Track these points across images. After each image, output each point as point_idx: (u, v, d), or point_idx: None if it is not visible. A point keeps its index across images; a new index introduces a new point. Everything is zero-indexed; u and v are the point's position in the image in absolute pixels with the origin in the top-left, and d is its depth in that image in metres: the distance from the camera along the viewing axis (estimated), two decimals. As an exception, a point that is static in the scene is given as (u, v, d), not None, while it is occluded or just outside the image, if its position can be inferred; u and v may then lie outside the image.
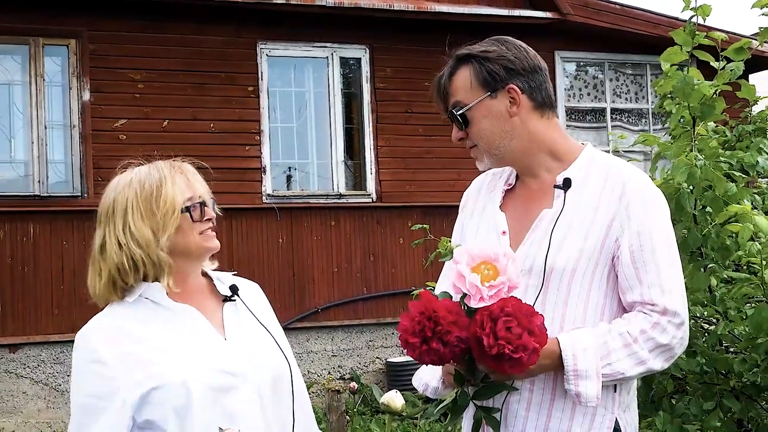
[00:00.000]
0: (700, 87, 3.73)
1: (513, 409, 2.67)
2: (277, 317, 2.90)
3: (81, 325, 2.51)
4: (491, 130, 2.77)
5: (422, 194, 11.40)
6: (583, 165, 2.77)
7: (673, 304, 2.63)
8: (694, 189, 3.71)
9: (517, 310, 2.32)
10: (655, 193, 2.76)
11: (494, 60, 2.77)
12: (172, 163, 2.72)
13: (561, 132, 2.86)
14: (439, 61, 10.49)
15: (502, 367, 2.33)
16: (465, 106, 2.77)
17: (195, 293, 2.73)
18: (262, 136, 10.82)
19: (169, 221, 2.61)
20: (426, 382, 2.81)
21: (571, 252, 2.64)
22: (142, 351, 2.55)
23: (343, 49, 11.33)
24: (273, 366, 2.67)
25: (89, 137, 10.10)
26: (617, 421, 2.68)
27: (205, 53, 10.65)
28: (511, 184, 2.89)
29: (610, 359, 2.57)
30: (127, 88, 10.32)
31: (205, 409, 2.53)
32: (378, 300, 11.11)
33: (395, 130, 11.41)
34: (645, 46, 12.46)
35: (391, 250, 11.24)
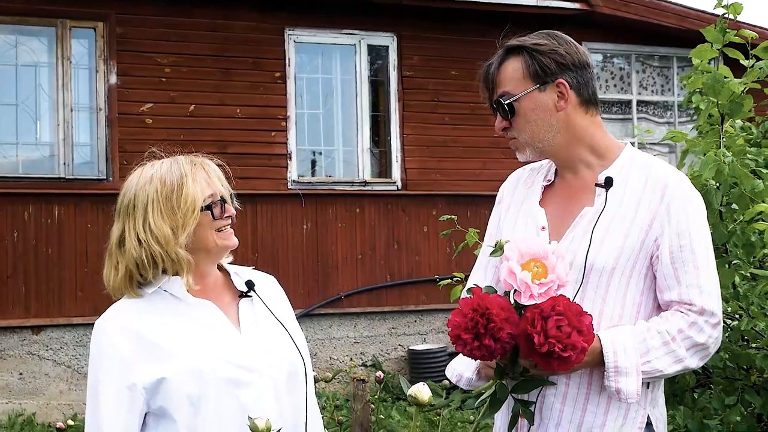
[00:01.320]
0: (729, 84, 3.72)
1: (549, 402, 2.70)
2: (300, 303, 2.91)
3: (104, 308, 2.53)
4: (537, 122, 2.78)
5: (447, 183, 11.39)
6: (624, 164, 2.79)
7: (711, 305, 2.66)
8: (721, 185, 3.71)
9: (568, 309, 2.34)
10: (695, 195, 2.78)
11: (546, 53, 2.78)
12: (194, 159, 2.75)
13: (603, 129, 2.87)
14: (467, 51, 10.51)
15: (550, 365, 2.35)
16: (513, 97, 2.78)
17: (212, 288, 2.76)
18: (288, 123, 10.81)
19: (189, 219, 2.63)
20: (460, 373, 2.83)
21: (612, 250, 2.66)
22: (158, 340, 2.60)
23: (370, 37, 11.30)
24: (288, 362, 2.70)
25: (115, 121, 10.12)
26: (649, 416, 2.71)
27: (233, 38, 10.64)
28: (550, 180, 2.91)
29: (650, 357, 2.60)
30: (154, 72, 10.32)
31: (220, 400, 2.57)
32: (401, 288, 11.11)
33: (422, 119, 11.39)
34: (672, 39, 12.40)
35: (416, 238, 11.23)
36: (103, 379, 2.58)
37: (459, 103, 11.46)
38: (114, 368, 2.58)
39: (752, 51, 3.84)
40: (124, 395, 2.56)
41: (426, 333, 11.20)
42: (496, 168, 11.53)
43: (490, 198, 11.15)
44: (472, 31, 11.55)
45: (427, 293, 11.22)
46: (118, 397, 2.56)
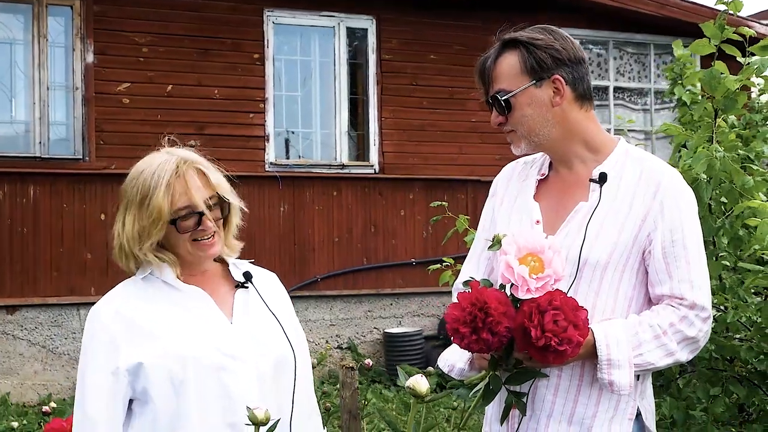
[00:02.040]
0: (725, 81, 3.76)
1: (541, 394, 2.74)
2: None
3: (79, 288, 2.54)
4: (533, 117, 2.80)
5: (424, 167, 11.40)
6: (618, 159, 2.82)
7: (701, 299, 2.70)
8: (711, 180, 3.75)
9: (564, 303, 2.37)
10: (687, 191, 2.81)
11: (542, 48, 2.79)
12: (182, 163, 2.69)
13: (597, 124, 2.90)
14: (446, 35, 10.50)
15: (545, 358, 2.38)
16: (509, 92, 2.79)
17: (209, 278, 2.78)
18: (266, 105, 10.78)
19: (153, 230, 2.64)
20: (452, 363, 2.87)
21: (605, 245, 2.70)
22: (146, 325, 2.63)
23: (349, 19, 11.28)
24: (276, 352, 2.71)
25: (92, 100, 10.06)
26: (638, 408, 2.75)
27: (212, 19, 10.59)
28: (544, 174, 2.93)
29: (642, 350, 2.63)
30: (132, 52, 10.25)
31: (202, 385, 2.59)
32: (378, 271, 11.13)
33: (400, 102, 11.39)
34: (650, 26, 12.45)
35: (392, 221, 11.25)
36: (90, 365, 2.63)
37: (437, 87, 11.47)
38: (101, 354, 2.61)
39: (749, 48, 3.86)
40: (108, 381, 2.59)
41: (402, 316, 11.22)
42: (473, 152, 11.56)
43: (466, 182, 11.25)
44: (452, 15, 11.55)
45: (403, 276, 11.24)
46: (103, 383, 2.59)
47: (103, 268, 9.93)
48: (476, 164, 11.54)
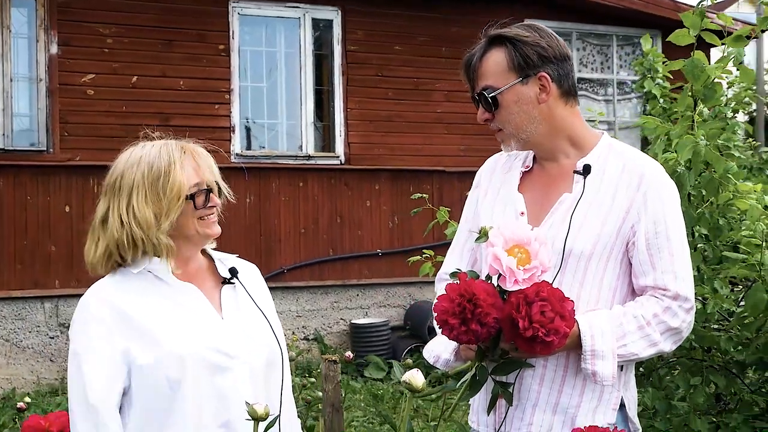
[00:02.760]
0: (707, 69, 3.80)
1: (526, 384, 2.77)
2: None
3: (43, 282, 2.52)
4: (519, 114, 2.82)
5: (390, 157, 11.42)
6: (601, 153, 2.85)
7: (685, 290, 2.74)
8: (692, 168, 3.80)
9: (551, 295, 2.40)
10: (670, 183, 2.85)
11: (529, 45, 2.79)
12: (184, 146, 2.73)
13: (581, 120, 2.92)
14: (411, 26, 10.51)
15: (533, 349, 2.40)
16: (495, 90, 2.80)
17: (195, 273, 2.77)
18: (231, 95, 10.76)
19: (173, 207, 2.64)
20: (437, 354, 2.88)
21: (590, 236, 2.73)
22: (141, 320, 2.61)
23: (315, 10, 11.26)
24: (267, 349, 2.73)
25: (56, 91, 9.99)
26: (622, 398, 2.80)
27: (176, 10, 10.54)
28: (528, 167, 2.96)
29: (625, 341, 2.67)
30: (96, 43, 10.18)
31: (198, 385, 2.59)
32: (344, 262, 11.14)
33: (365, 93, 11.39)
34: (612, 18, 12.53)
35: (358, 212, 11.26)
36: (87, 353, 2.58)
37: (402, 78, 11.49)
38: (96, 341, 2.57)
39: (723, 40, 3.90)
40: (106, 368, 2.56)
41: (368, 307, 11.25)
42: (438, 143, 11.60)
43: (432, 173, 11.28)
44: (417, 6, 11.57)
45: (369, 267, 11.26)
46: (101, 371, 2.56)
47: (68, 261, 9.88)
48: (442, 155, 11.59)
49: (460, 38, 11.74)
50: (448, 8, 11.71)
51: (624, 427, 2.79)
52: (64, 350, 9.82)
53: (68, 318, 9.82)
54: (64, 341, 9.84)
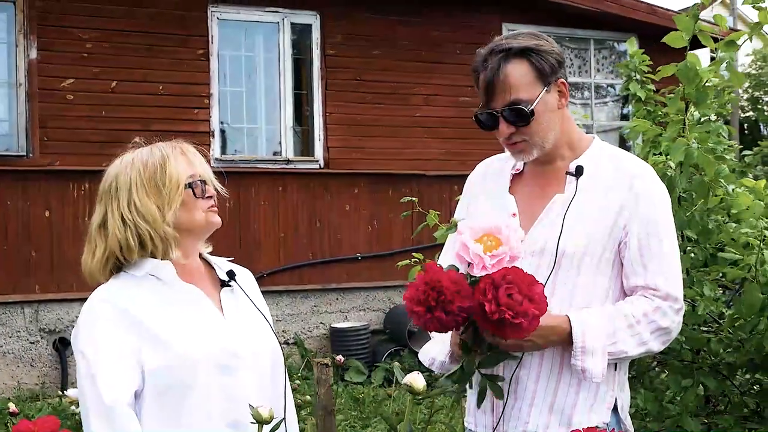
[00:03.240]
0: (701, 72, 3.81)
1: (523, 383, 2.80)
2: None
3: (23, 286, 2.53)
4: (547, 123, 2.82)
5: (369, 162, 11.46)
6: (593, 154, 2.88)
7: (674, 291, 2.79)
8: (683, 170, 3.84)
9: (519, 278, 2.42)
10: (661, 185, 2.89)
11: (547, 53, 2.81)
12: (173, 144, 2.78)
13: (573, 122, 2.96)
14: (389, 30, 10.52)
15: (503, 332, 2.43)
16: (528, 102, 2.77)
17: (195, 275, 2.79)
18: (211, 100, 10.77)
19: (174, 197, 2.68)
20: (433, 356, 2.90)
21: (582, 236, 2.76)
22: (148, 322, 2.61)
23: (294, 15, 11.29)
24: (270, 350, 2.76)
25: (35, 96, 9.97)
26: (616, 399, 2.83)
27: (156, 14, 10.55)
28: (519, 169, 2.98)
29: (615, 338, 2.71)
30: (76, 48, 10.18)
31: (207, 385, 2.60)
32: (323, 266, 11.17)
33: (344, 98, 11.43)
34: (589, 21, 12.61)
35: (337, 216, 11.29)
36: (98, 353, 2.56)
37: (381, 83, 11.53)
38: (107, 336, 2.57)
39: (716, 44, 3.89)
40: (119, 360, 2.55)
41: (348, 311, 11.28)
42: (417, 147, 11.65)
43: (411, 177, 11.30)
44: (395, 10, 11.62)
45: (348, 272, 11.29)
46: (115, 370, 2.54)
47: (48, 266, 9.87)
48: (420, 159, 11.64)
49: (439, 42, 11.82)
50: (426, 13, 11.77)
51: (617, 427, 2.83)
52: (45, 355, 9.82)
53: (49, 323, 9.82)
54: (44, 346, 9.83)
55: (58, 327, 9.88)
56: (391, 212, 11.47)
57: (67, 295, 9.86)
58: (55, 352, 9.86)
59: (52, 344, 9.85)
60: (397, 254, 11.45)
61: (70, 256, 9.91)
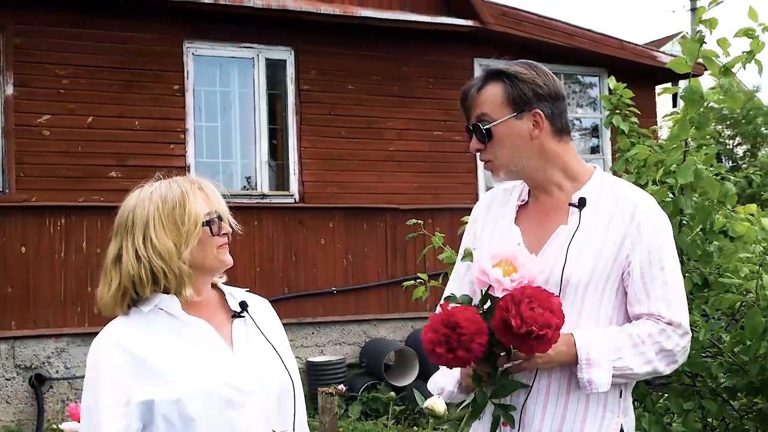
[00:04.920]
0: (706, 94, 3.88)
1: (530, 412, 2.83)
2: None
3: (1, 321, 2.55)
4: (511, 148, 2.90)
5: (344, 195, 11.53)
6: (595, 185, 2.95)
7: (678, 317, 2.84)
8: (685, 193, 3.91)
9: (537, 292, 2.50)
10: (662, 214, 2.96)
11: (525, 82, 2.89)
12: (192, 179, 2.80)
13: (575, 155, 3.02)
14: (363, 65, 10.68)
15: (528, 345, 2.49)
16: (490, 122, 2.89)
17: (206, 306, 2.78)
18: (186, 135, 10.82)
19: (192, 234, 2.68)
20: (442, 386, 2.93)
21: (586, 267, 2.82)
22: (153, 359, 2.62)
23: (268, 50, 11.38)
24: (278, 383, 2.74)
25: (12, 132, 9.99)
26: (621, 425, 2.88)
27: (132, 50, 10.60)
28: (524, 200, 3.04)
29: (621, 354, 2.77)
30: (52, 84, 10.21)
31: (211, 421, 2.60)
32: (299, 300, 11.20)
33: (318, 132, 11.51)
34: (560, 56, 12.76)
35: (313, 250, 11.34)
36: (100, 401, 2.58)
37: (355, 117, 11.62)
38: (109, 388, 2.58)
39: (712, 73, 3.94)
40: (121, 412, 2.56)
41: (324, 345, 11.30)
42: (391, 181, 11.73)
43: (385, 210, 11.39)
44: (369, 46, 11.73)
45: (324, 305, 11.32)
46: (116, 420, 2.56)
47: (24, 302, 9.86)
48: (394, 192, 11.72)
49: (411, 77, 11.94)
50: (399, 48, 11.89)
51: None
52: (21, 392, 9.79)
53: (24, 359, 9.79)
54: (20, 383, 9.80)
55: (34, 363, 9.86)
56: (366, 246, 11.55)
57: (43, 331, 9.86)
58: (31, 389, 9.82)
59: (28, 381, 9.82)
60: (372, 288, 11.52)
61: (47, 292, 9.94)
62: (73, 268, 10.09)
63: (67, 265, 10.08)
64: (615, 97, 4.78)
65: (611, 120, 4.70)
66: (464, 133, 3.02)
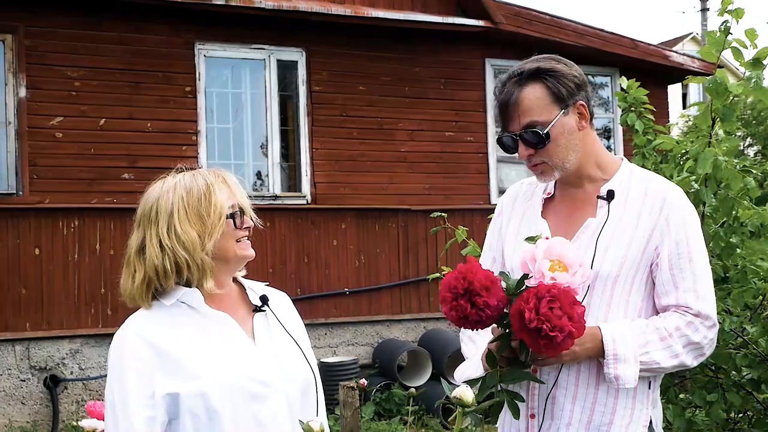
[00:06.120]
0: (730, 87, 3.86)
1: (560, 403, 2.85)
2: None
3: (12, 324, 2.53)
4: (565, 145, 2.88)
5: (355, 197, 11.54)
6: (623, 178, 2.94)
7: (706, 309, 2.83)
8: (708, 185, 3.90)
9: (563, 294, 2.47)
10: (690, 206, 2.95)
11: (564, 76, 2.87)
12: (216, 172, 2.80)
13: (601, 144, 3.02)
14: (375, 66, 10.68)
15: (536, 344, 2.48)
16: (543, 125, 2.85)
17: (227, 301, 2.78)
18: (198, 137, 10.84)
19: (216, 226, 2.66)
20: (468, 375, 2.93)
21: (615, 259, 2.82)
22: (176, 352, 2.61)
23: (280, 52, 11.39)
24: (301, 377, 2.73)
25: (25, 134, 10.03)
26: (651, 418, 2.88)
27: (143, 52, 10.63)
28: (550, 193, 3.04)
29: (648, 348, 2.76)
30: (64, 86, 10.25)
31: (236, 414, 2.60)
32: (311, 301, 11.20)
33: (330, 133, 11.52)
34: (571, 56, 12.64)
35: (325, 251, 11.35)
36: (128, 389, 2.58)
37: (366, 118, 11.63)
38: (137, 378, 2.58)
39: (741, 63, 3.94)
40: (148, 404, 2.56)
41: (336, 346, 11.31)
42: (402, 182, 11.73)
43: (397, 211, 11.40)
44: (380, 46, 11.74)
45: (336, 306, 11.33)
46: (144, 406, 2.56)
47: (38, 304, 9.89)
48: (406, 193, 11.72)
49: (423, 78, 11.94)
50: (410, 49, 11.89)
51: None
52: (36, 393, 9.82)
53: (39, 360, 9.83)
54: (35, 384, 9.83)
55: (48, 364, 9.88)
56: (378, 247, 11.55)
57: (57, 333, 9.88)
58: (46, 390, 9.85)
59: (42, 382, 9.85)
60: (385, 288, 11.52)
61: (60, 293, 9.96)
62: (86, 269, 10.12)
63: (80, 267, 10.11)
64: (630, 96, 4.78)
65: (626, 119, 4.69)
66: (476, 133, 3.03)
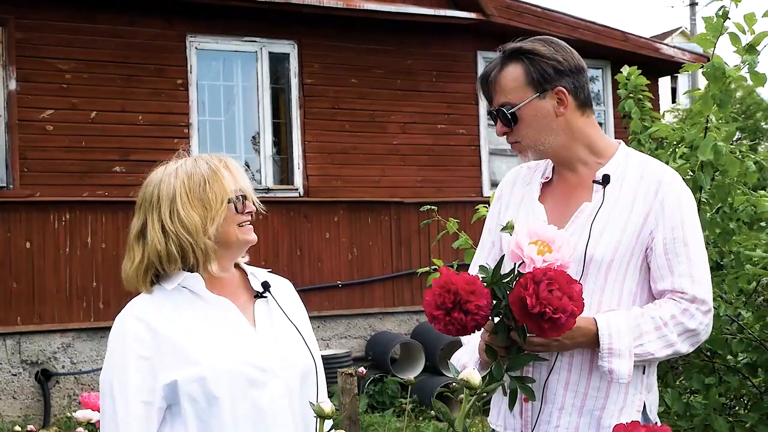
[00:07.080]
0: (728, 71, 3.84)
1: (552, 388, 2.83)
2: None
3: (3, 319, 2.51)
4: (538, 128, 2.88)
5: (348, 189, 11.53)
6: (620, 162, 2.92)
7: (702, 293, 2.81)
8: (705, 169, 3.88)
9: (559, 275, 2.46)
10: (687, 190, 2.93)
11: (545, 60, 2.85)
12: (218, 157, 2.77)
13: (598, 129, 3.00)
14: (366, 58, 10.69)
15: (540, 327, 2.46)
16: (514, 106, 2.87)
17: (229, 286, 2.77)
18: (190, 130, 10.80)
19: (219, 211, 2.65)
20: (464, 363, 2.92)
21: (609, 243, 2.80)
22: (177, 337, 2.61)
23: (271, 44, 11.36)
24: (301, 363, 2.73)
25: (15, 127, 9.98)
26: (645, 401, 2.87)
27: (135, 45, 10.60)
28: (548, 178, 3.03)
29: (642, 340, 2.74)
30: (55, 79, 10.21)
31: (235, 400, 2.60)
32: (304, 294, 11.09)
33: (322, 126, 11.50)
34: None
35: (318, 244, 11.34)
36: (129, 374, 2.58)
37: (358, 111, 11.62)
38: (137, 361, 2.58)
39: (737, 49, 3.89)
40: (148, 388, 2.57)
41: (329, 338, 11.30)
42: (394, 175, 11.72)
43: (389, 204, 11.40)
44: (372, 39, 11.72)
45: (329, 299, 11.32)
46: (143, 390, 2.57)
47: (29, 298, 9.85)
48: (398, 186, 11.71)
49: (415, 70, 11.93)
50: (402, 41, 11.87)
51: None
52: (27, 387, 9.79)
53: (30, 355, 9.79)
54: (26, 378, 9.80)
55: (40, 358, 9.85)
56: (371, 239, 11.53)
57: (48, 327, 9.85)
58: (37, 384, 9.83)
59: (34, 376, 9.82)
60: (377, 281, 11.52)
61: (52, 287, 9.93)
62: (78, 263, 10.09)
63: (72, 261, 10.08)
64: (631, 84, 4.77)
65: (624, 105, 4.68)
66: (468, 126, 3.03)
